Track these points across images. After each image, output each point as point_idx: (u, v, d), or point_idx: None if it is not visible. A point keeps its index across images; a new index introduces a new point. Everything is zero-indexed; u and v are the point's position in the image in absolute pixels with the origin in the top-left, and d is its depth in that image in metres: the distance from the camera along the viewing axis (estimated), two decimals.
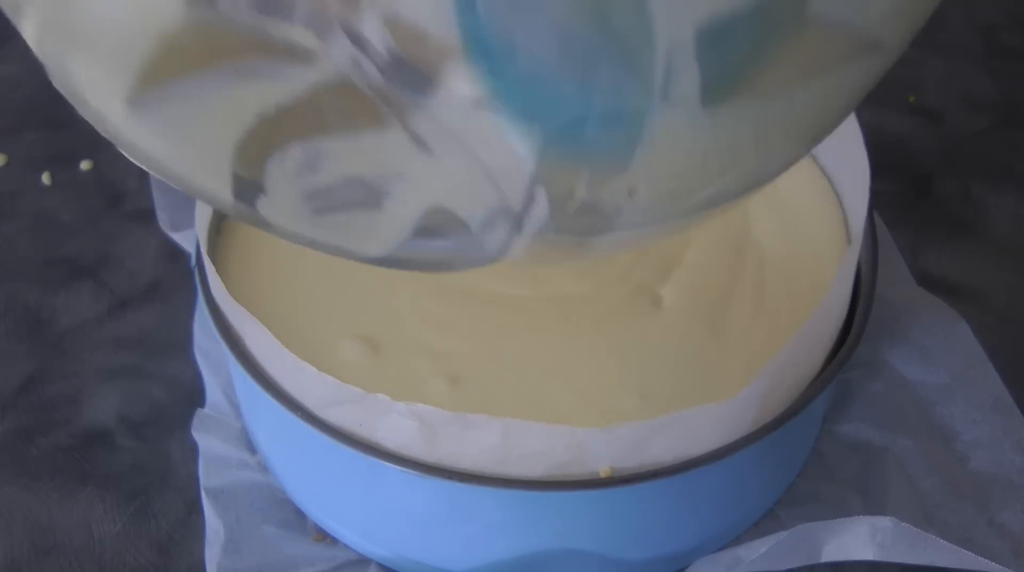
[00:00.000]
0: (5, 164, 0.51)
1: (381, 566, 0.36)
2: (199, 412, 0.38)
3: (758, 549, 0.32)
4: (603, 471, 0.30)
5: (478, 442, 0.30)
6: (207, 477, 0.37)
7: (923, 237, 0.47)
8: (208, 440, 0.38)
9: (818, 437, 0.39)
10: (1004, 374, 0.39)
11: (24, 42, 0.25)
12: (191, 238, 0.40)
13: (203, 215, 0.36)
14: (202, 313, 0.42)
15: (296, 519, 0.37)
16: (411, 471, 0.31)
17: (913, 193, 0.50)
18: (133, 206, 0.49)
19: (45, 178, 0.50)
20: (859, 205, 0.36)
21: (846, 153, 0.38)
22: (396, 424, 0.30)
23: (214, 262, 0.35)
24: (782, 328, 0.35)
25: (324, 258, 0.37)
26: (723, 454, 0.31)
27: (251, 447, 0.38)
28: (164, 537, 0.37)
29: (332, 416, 0.32)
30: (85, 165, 0.51)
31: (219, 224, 0.38)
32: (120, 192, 0.50)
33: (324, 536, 0.37)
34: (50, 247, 0.47)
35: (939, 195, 0.50)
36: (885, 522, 0.32)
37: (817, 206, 0.39)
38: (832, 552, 0.33)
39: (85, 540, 0.37)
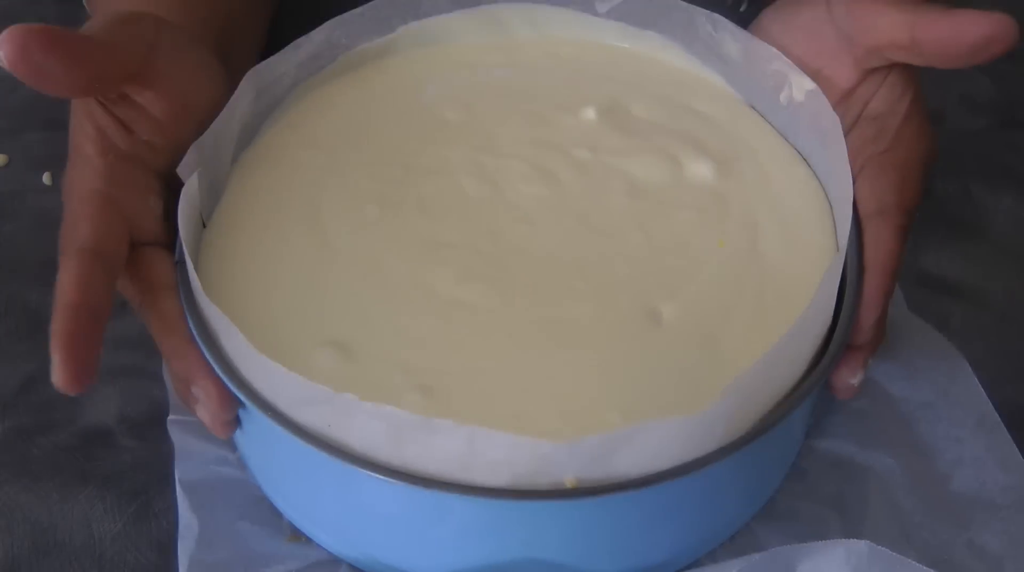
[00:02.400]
0: (5, 164, 0.51)
1: (352, 567, 0.36)
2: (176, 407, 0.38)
3: (729, 570, 0.32)
4: (568, 482, 0.30)
5: (444, 447, 0.30)
6: (183, 471, 0.36)
7: (923, 237, 0.47)
8: (184, 436, 0.37)
9: (799, 453, 0.38)
10: (1003, 374, 0.39)
11: None
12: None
13: (187, 215, 0.35)
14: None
15: (273, 518, 0.37)
16: (376, 475, 0.31)
17: None
18: None
19: (45, 178, 0.50)
20: (843, 220, 0.35)
21: (834, 166, 0.37)
22: (364, 425, 0.30)
23: (196, 262, 0.35)
24: None
25: (306, 265, 0.36)
26: (689, 469, 0.31)
27: (232, 444, 0.38)
28: (164, 536, 0.37)
29: (303, 416, 0.31)
30: None
31: (203, 224, 0.38)
32: None
33: (299, 536, 0.36)
34: (50, 247, 0.47)
35: (939, 195, 0.50)
36: (860, 546, 0.31)
37: (815, 219, 0.38)
38: None
39: (85, 540, 0.37)
